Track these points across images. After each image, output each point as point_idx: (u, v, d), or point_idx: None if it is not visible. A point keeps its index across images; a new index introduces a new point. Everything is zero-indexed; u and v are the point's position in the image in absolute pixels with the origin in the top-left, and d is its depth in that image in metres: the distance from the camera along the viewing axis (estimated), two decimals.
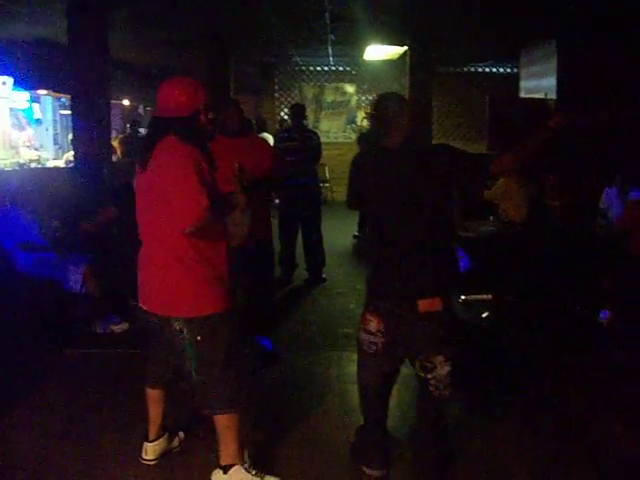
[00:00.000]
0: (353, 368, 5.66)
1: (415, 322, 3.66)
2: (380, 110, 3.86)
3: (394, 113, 3.80)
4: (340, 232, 11.94)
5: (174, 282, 3.58)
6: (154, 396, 4.13)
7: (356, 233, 12.07)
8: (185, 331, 3.59)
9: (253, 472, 3.83)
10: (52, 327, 6.35)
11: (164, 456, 4.22)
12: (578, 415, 4.98)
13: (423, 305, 3.62)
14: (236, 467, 3.79)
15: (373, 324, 3.78)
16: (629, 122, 10.84)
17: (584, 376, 5.73)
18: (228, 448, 3.79)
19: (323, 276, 9.05)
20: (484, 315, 7.31)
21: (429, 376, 3.75)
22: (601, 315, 7.00)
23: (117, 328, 6.75)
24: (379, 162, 3.86)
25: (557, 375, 5.76)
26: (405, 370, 4.06)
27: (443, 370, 3.72)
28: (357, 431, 4.31)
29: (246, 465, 3.84)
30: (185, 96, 3.65)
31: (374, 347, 3.81)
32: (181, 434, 4.42)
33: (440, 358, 3.71)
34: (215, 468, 3.86)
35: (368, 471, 4.01)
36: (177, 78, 3.78)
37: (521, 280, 7.39)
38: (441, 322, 3.69)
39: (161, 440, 4.21)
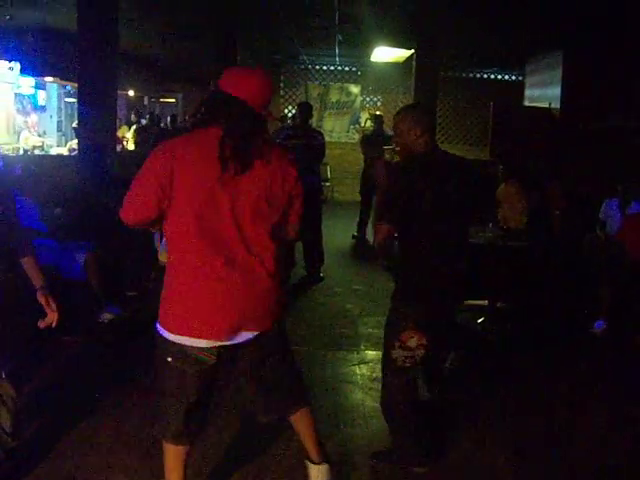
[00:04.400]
0: (348, 367, 5.82)
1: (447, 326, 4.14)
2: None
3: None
4: (339, 232, 11.97)
5: (276, 292, 3.21)
6: (178, 451, 3.38)
7: (355, 233, 12.10)
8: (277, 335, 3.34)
9: None
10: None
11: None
12: (566, 419, 5.02)
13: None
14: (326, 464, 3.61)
15: (414, 340, 3.84)
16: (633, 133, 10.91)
17: (573, 383, 5.78)
18: (318, 441, 3.60)
19: (321, 275, 9.08)
20: (479, 320, 7.34)
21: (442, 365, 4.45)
22: (596, 325, 7.04)
23: (113, 317, 6.74)
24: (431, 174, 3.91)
25: (547, 381, 5.80)
26: None
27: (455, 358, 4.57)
28: (394, 438, 4.26)
29: None
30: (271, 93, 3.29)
31: (412, 360, 3.91)
32: None
33: (453, 353, 4.55)
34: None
35: (420, 470, 4.12)
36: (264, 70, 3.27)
37: (517, 287, 7.42)
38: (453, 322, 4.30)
39: None
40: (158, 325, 3.11)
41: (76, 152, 10.37)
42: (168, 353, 3.09)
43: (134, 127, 14.74)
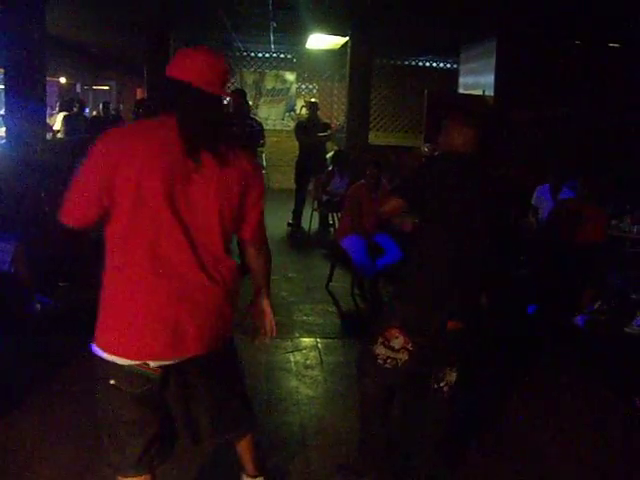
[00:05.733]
0: (282, 355, 5.80)
1: (440, 339, 3.64)
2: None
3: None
4: (274, 220, 11.91)
5: (229, 309, 2.89)
6: None
7: (290, 221, 12.08)
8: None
9: None
10: None
11: None
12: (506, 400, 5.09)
13: (451, 324, 3.60)
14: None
15: (399, 341, 3.64)
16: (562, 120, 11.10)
17: (506, 364, 5.87)
18: (256, 457, 3.37)
19: None
20: None
21: (441, 384, 3.78)
22: (529, 309, 7.15)
23: (43, 308, 6.62)
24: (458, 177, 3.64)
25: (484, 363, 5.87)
26: None
27: (452, 377, 3.77)
28: (358, 448, 4.06)
29: None
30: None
31: (393, 363, 3.69)
32: None
33: (450, 368, 3.77)
34: None
35: None
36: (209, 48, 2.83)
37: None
38: (462, 339, 3.70)
39: None
40: (94, 346, 2.69)
41: (4, 140, 10.14)
42: (110, 376, 2.68)
43: (62, 115, 14.44)
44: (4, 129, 10.33)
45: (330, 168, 11.06)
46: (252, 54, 18.30)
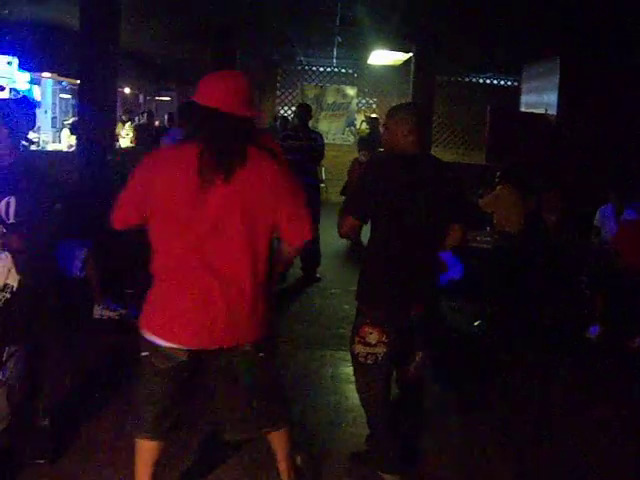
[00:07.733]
0: (347, 368, 5.83)
1: (408, 326, 3.88)
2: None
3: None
4: (334, 234, 11.92)
5: (256, 308, 3.16)
6: (149, 448, 3.37)
7: None
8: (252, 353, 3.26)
9: None
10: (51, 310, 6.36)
11: None
12: (558, 422, 5.06)
13: (417, 308, 3.85)
14: None
15: (374, 336, 3.81)
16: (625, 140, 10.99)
17: (570, 387, 5.83)
18: (292, 462, 3.60)
19: (317, 275, 9.11)
20: (476, 323, 7.37)
21: (409, 366, 4.06)
22: (591, 330, 7.08)
23: (113, 314, 6.77)
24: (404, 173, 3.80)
25: (543, 386, 5.85)
26: None
27: (420, 359, 4.05)
28: (367, 439, 4.22)
29: None
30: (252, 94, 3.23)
31: (373, 357, 3.85)
32: None
33: (421, 353, 4.04)
34: None
35: (388, 477, 3.98)
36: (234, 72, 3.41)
37: (513, 292, 7.47)
38: (429, 323, 3.99)
39: None
40: (140, 326, 3.20)
41: (74, 148, 10.37)
42: (143, 349, 3.20)
43: (128, 124, 14.97)
44: (74, 137, 10.57)
45: None
46: (314, 68, 18.47)
